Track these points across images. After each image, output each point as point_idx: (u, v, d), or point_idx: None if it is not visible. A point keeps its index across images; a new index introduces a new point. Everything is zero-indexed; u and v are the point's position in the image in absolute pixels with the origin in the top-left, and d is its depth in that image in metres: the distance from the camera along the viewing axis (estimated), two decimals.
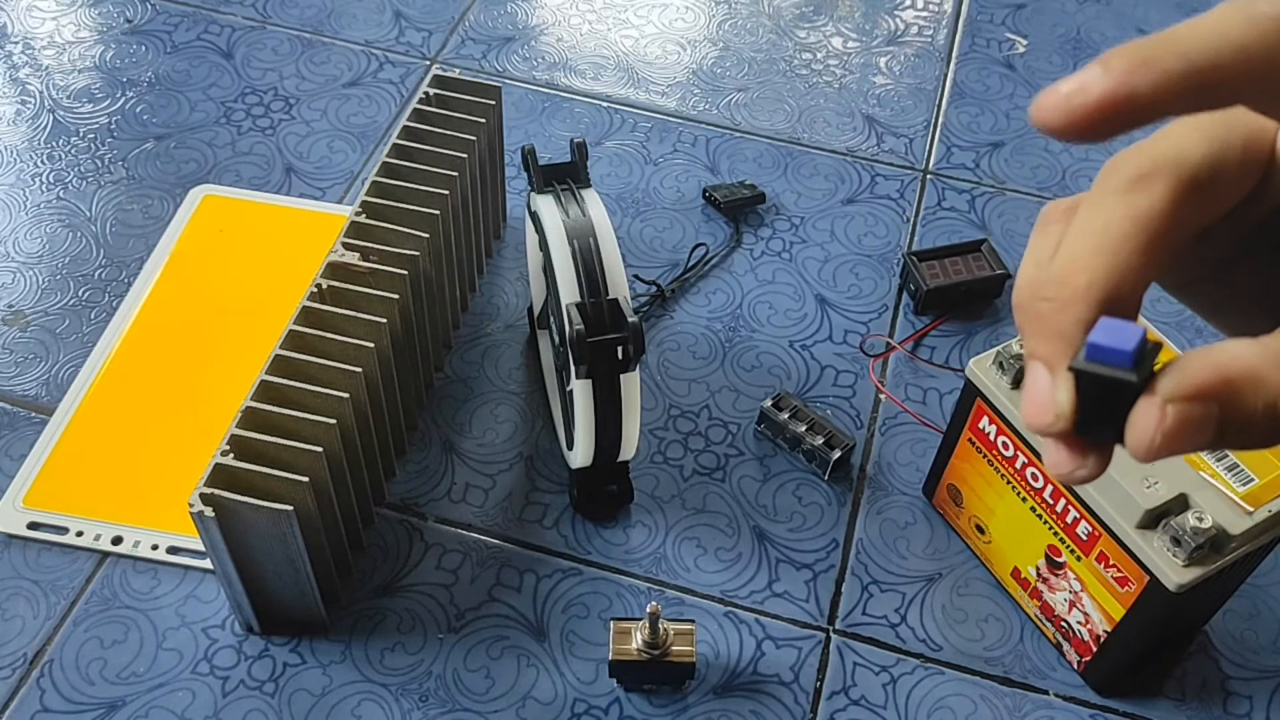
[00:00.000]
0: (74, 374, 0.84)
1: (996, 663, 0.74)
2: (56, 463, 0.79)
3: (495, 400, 0.85)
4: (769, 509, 0.80)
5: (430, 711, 0.71)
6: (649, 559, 0.77)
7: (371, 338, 0.72)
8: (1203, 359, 0.25)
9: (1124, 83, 0.24)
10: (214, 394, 0.83)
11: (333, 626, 0.74)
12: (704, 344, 0.88)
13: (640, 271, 0.92)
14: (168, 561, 0.75)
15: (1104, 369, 0.25)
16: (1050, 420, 0.26)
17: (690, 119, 1.04)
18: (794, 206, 0.98)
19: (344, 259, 0.75)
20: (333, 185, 0.97)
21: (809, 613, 0.76)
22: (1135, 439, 0.25)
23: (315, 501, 0.67)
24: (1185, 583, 0.62)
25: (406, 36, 1.09)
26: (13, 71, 1.04)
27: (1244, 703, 0.73)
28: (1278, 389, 0.25)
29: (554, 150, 1.00)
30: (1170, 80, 0.24)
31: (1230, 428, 0.25)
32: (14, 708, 0.70)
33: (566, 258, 0.70)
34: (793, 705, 0.72)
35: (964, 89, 1.08)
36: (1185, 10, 1.16)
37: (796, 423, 0.81)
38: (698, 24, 1.12)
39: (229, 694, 0.71)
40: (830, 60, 1.10)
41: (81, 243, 0.92)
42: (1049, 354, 0.27)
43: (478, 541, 0.78)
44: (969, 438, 0.73)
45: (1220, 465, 0.64)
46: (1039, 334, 0.27)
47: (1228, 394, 0.25)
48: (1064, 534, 0.68)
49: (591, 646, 0.73)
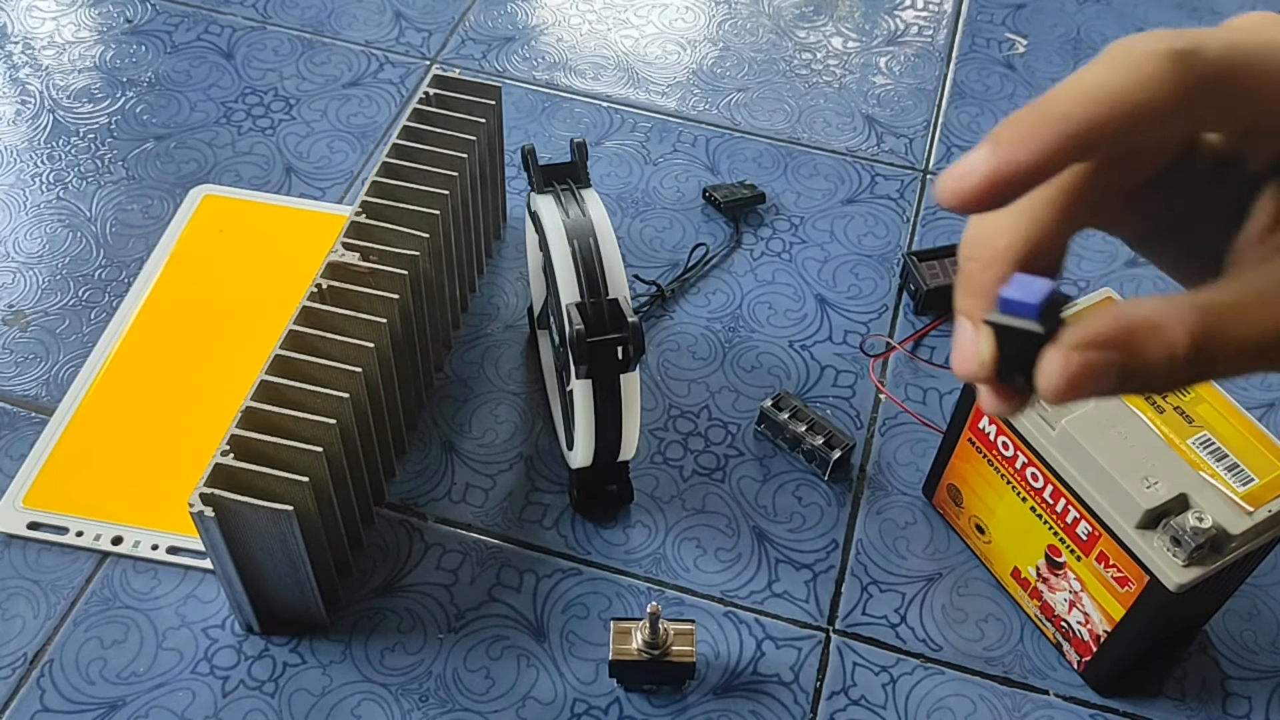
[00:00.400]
0: (74, 374, 0.84)
1: (996, 663, 0.74)
2: (56, 463, 0.79)
3: (495, 400, 0.85)
4: (769, 509, 0.80)
5: (430, 711, 0.71)
6: (649, 559, 0.77)
7: (371, 338, 0.72)
8: (1109, 311, 0.27)
9: (1006, 160, 0.27)
10: (214, 394, 0.83)
11: (333, 626, 0.74)
12: (704, 344, 0.88)
13: (640, 271, 0.92)
14: (168, 561, 0.75)
15: (1014, 320, 0.28)
16: (975, 369, 0.29)
17: (690, 119, 1.04)
18: (794, 206, 0.98)
19: (344, 259, 0.75)
20: (333, 185, 0.97)
21: (809, 613, 0.76)
22: (1043, 383, 0.27)
23: (315, 501, 0.67)
24: (1185, 583, 0.62)
25: (406, 37, 1.09)
26: (13, 71, 1.04)
27: (1243, 703, 0.73)
28: (1176, 339, 0.27)
29: (554, 150, 1.00)
30: (1050, 148, 0.26)
31: (1131, 375, 0.27)
32: (14, 708, 0.70)
33: (566, 258, 0.70)
34: (792, 705, 0.72)
35: (964, 89, 1.08)
36: (1185, 10, 1.17)
37: (796, 423, 0.81)
38: (698, 24, 1.12)
39: (229, 694, 0.71)
40: (830, 60, 1.10)
41: (81, 243, 0.92)
42: (971, 309, 0.29)
43: (478, 541, 0.78)
44: (969, 438, 0.73)
45: (1220, 465, 0.64)
46: (965, 291, 0.30)
47: (1128, 342, 0.27)
48: (1064, 534, 0.68)
49: (591, 646, 0.73)
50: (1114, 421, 0.65)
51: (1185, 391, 0.67)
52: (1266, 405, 0.86)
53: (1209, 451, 0.65)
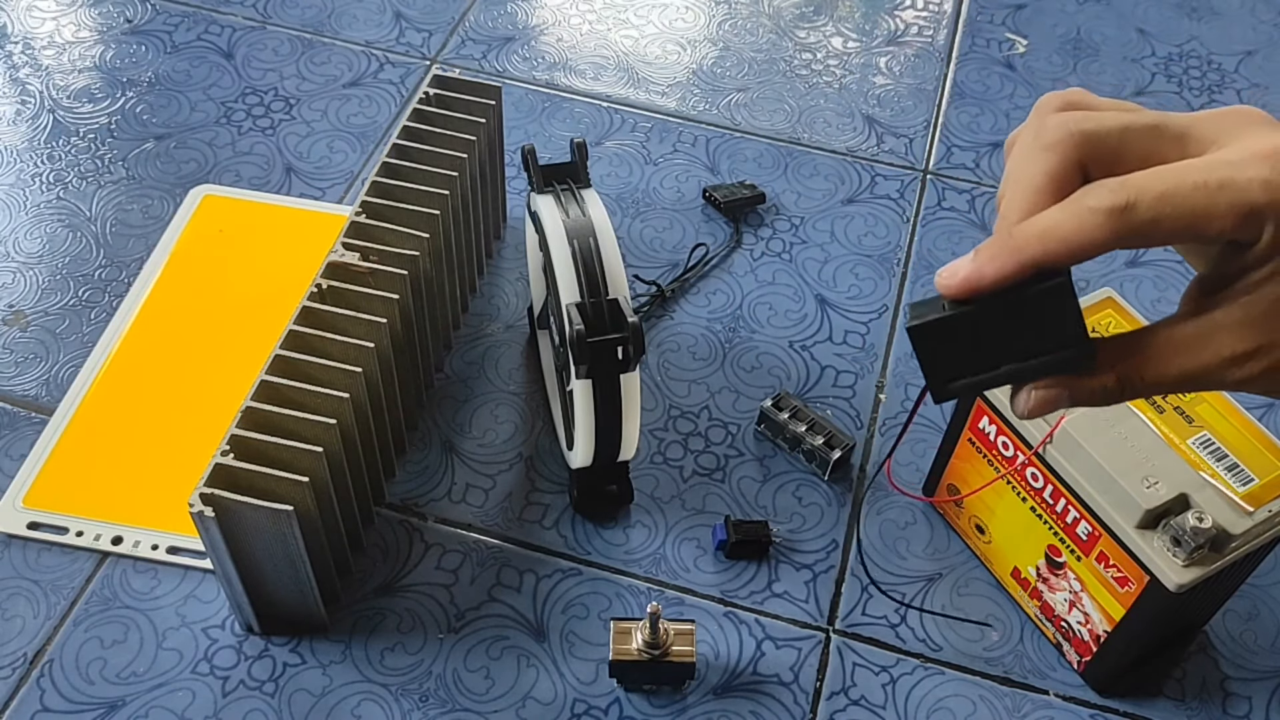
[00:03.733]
0: (74, 374, 0.84)
1: (996, 663, 0.74)
2: (56, 463, 0.79)
3: (495, 400, 0.85)
4: (769, 509, 0.80)
5: (430, 711, 0.71)
6: (649, 559, 0.77)
7: (371, 338, 0.72)
8: None
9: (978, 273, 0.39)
10: (214, 394, 0.83)
11: (333, 626, 0.74)
12: (704, 344, 0.88)
13: (640, 271, 0.92)
14: (168, 561, 0.75)
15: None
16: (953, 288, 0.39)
17: (690, 119, 1.04)
18: (794, 206, 0.98)
19: (344, 259, 0.75)
20: (333, 185, 0.97)
21: (809, 613, 0.76)
22: (1013, 406, 0.42)
23: (315, 501, 0.67)
24: (1185, 583, 0.62)
25: (406, 37, 1.09)
26: (13, 71, 1.04)
27: (1243, 703, 0.73)
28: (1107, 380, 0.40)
29: (554, 150, 1.00)
30: (1009, 270, 0.38)
31: (1076, 401, 0.41)
32: (14, 708, 0.70)
33: (566, 258, 0.70)
34: (792, 705, 0.72)
35: (964, 89, 1.08)
36: (1184, 10, 1.17)
37: (796, 423, 0.81)
38: (698, 24, 1.12)
39: (229, 694, 0.71)
40: (830, 60, 1.10)
41: (81, 243, 0.92)
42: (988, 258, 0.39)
43: (478, 541, 0.78)
44: (969, 438, 0.73)
45: (1220, 465, 0.64)
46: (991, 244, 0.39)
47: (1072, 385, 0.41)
48: (1064, 534, 0.68)
49: (591, 646, 0.73)
50: (1114, 421, 0.65)
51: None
52: (1266, 405, 0.86)
53: (1209, 451, 0.65)
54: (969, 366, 0.41)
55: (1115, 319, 0.70)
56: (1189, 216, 0.37)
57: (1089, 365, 0.40)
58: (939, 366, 0.41)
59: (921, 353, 0.41)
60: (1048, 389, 0.40)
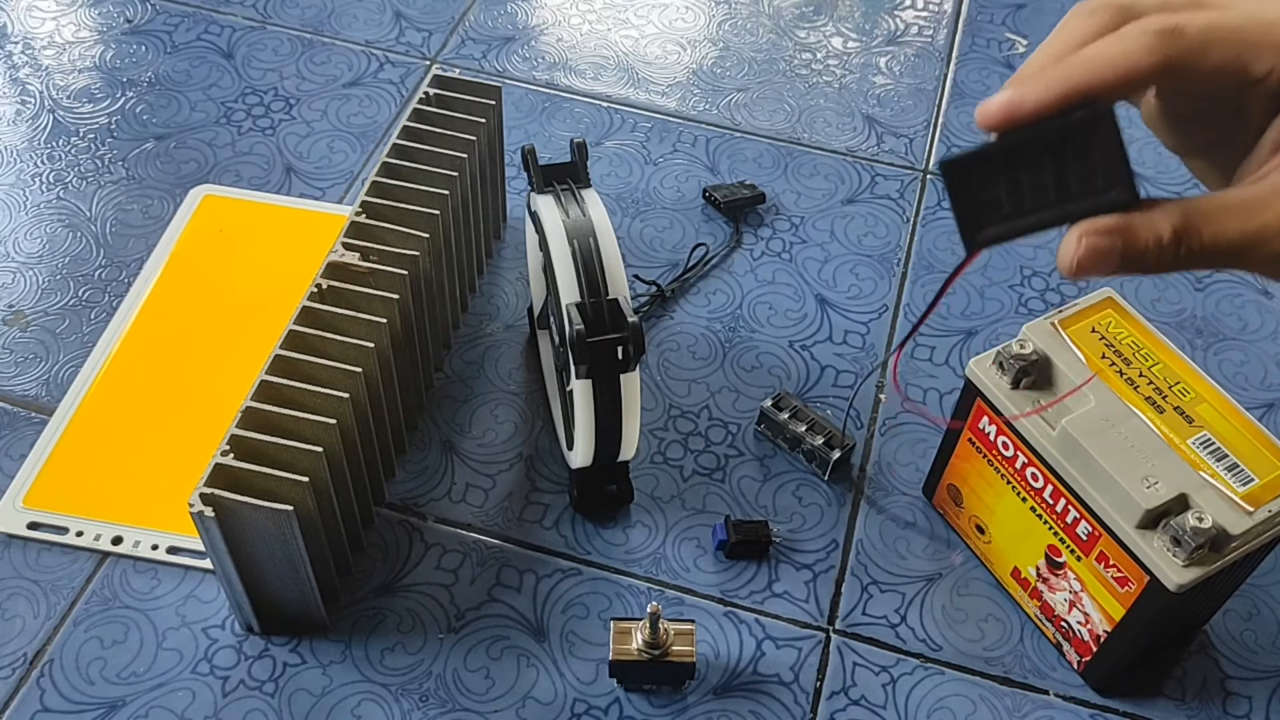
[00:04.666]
0: (74, 374, 0.84)
1: (996, 663, 0.74)
2: (56, 463, 0.79)
3: (495, 400, 0.85)
4: (769, 509, 0.80)
5: (430, 711, 0.71)
6: (649, 559, 0.77)
7: (371, 338, 0.72)
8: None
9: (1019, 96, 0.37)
10: (214, 394, 0.83)
11: (333, 626, 0.74)
12: (704, 344, 0.88)
13: (640, 271, 0.92)
14: (168, 561, 0.75)
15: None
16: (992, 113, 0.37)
17: (690, 119, 1.04)
18: (794, 206, 0.98)
19: (344, 259, 0.75)
20: (333, 185, 0.97)
21: (809, 613, 0.76)
22: (1060, 260, 0.37)
23: (315, 501, 0.67)
24: (1185, 583, 0.62)
25: (406, 36, 1.09)
26: (13, 71, 1.04)
27: (1243, 703, 0.73)
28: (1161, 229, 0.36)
29: (554, 150, 1.00)
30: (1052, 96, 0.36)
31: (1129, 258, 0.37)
32: (14, 708, 0.70)
33: (566, 258, 0.70)
34: (792, 705, 0.72)
35: (964, 89, 1.08)
36: None
37: (796, 423, 0.81)
38: (698, 24, 1.12)
39: (229, 694, 0.71)
40: (830, 60, 1.10)
41: (81, 243, 0.92)
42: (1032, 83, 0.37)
43: (478, 541, 0.78)
44: (969, 438, 0.73)
45: (1220, 465, 0.64)
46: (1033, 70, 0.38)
47: (1126, 229, 0.37)
48: (1064, 534, 0.68)
49: (591, 646, 0.74)
50: (1114, 421, 0.65)
51: (1186, 392, 0.67)
52: (1266, 405, 0.86)
53: (1209, 451, 0.65)
54: (1004, 210, 0.38)
55: (1115, 319, 0.70)
56: (1239, 46, 0.36)
57: (1136, 205, 0.37)
58: (973, 210, 0.38)
59: (954, 192, 0.38)
60: (1100, 236, 0.37)
